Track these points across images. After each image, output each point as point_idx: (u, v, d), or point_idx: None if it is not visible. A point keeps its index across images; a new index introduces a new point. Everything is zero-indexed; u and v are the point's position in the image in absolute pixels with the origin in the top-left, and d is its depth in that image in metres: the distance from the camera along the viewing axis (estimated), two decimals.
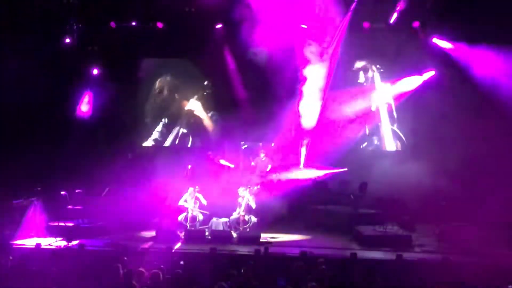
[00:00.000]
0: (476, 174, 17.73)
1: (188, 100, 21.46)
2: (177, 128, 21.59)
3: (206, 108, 21.48)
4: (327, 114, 19.84)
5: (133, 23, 20.45)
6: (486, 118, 17.89)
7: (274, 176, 18.89)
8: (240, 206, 17.07)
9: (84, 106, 20.86)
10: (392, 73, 20.05)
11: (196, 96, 21.38)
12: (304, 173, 19.04)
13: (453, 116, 18.32)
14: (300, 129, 19.60)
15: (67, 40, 20.29)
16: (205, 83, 21.30)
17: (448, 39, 18.97)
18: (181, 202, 17.27)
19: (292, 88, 19.57)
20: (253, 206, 17.10)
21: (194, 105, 21.35)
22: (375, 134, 20.55)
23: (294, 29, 19.23)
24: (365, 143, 20.69)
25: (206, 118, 21.25)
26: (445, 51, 19.03)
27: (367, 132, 20.54)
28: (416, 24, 19.29)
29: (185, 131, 21.62)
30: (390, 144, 20.34)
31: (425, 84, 19.56)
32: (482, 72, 18.10)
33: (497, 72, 17.90)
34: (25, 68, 18.53)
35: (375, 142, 20.61)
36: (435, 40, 19.08)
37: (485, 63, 18.12)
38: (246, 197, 17.11)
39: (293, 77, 19.54)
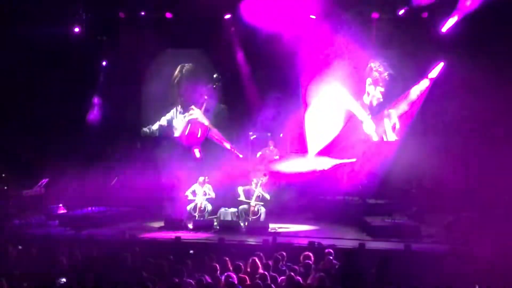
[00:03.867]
0: (485, 165, 17.65)
1: (199, 94, 21.45)
2: (187, 119, 21.55)
3: (216, 99, 21.45)
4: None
5: (142, 13, 20.39)
6: (495, 108, 17.82)
7: (283, 166, 18.95)
8: (252, 196, 17.07)
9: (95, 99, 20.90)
10: (400, 67, 19.89)
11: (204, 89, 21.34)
12: (312, 163, 19.02)
13: (462, 106, 18.27)
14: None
15: (76, 30, 20.24)
16: (215, 75, 21.26)
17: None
18: (188, 192, 17.31)
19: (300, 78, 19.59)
20: (267, 197, 17.12)
21: (196, 113, 21.31)
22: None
23: (304, 19, 19.22)
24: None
25: (208, 124, 21.22)
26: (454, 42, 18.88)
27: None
28: (425, 14, 19.15)
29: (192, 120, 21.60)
30: (393, 135, 20.27)
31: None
32: None
33: None
34: (33, 59, 18.60)
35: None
36: (444, 30, 18.90)
37: None
38: (257, 188, 17.11)
39: (302, 67, 19.56)
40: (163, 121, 21.41)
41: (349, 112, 20.07)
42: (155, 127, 21.43)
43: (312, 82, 19.54)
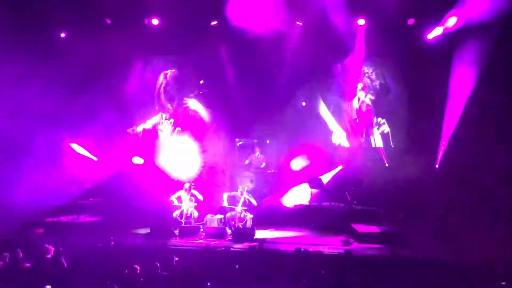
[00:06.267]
0: (471, 172, 17.73)
1: (186, 97, 21.40)
2: (173, 125, 21.47)
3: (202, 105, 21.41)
4: None
5: (128, 19, 20.32)
6: (484, 115, 17.93)
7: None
8: (237, 202, 17.05)
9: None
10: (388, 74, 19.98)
11: (191, 95, 21.31)
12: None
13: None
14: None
15: (62, 35, 20.17)
16: (201, 82, 21.22)
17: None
18: (173, 198, 17.24)
19: (287, 84, 19.59)
20: (254, 203, 17.11)
21: (190, 102, 21.24)
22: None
23: (290, 25, 19.28)
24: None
25: (202, 110, 21.12)
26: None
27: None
28: (411, 21, 19.20)
29: (179, 128, 21.53)
30: (380, 142, 20.32)
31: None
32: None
33: None
34: (19, 64, 18.47)
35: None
36: (429, 37, 18.96)
37: None
38: (243, 194, 17.09)
39: (289, 74, 19.60)
40: (148, 124, 21.31)
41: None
42: (139, 129, 21.31)
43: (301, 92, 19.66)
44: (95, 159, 20.36)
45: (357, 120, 20.35)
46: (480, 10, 16.89)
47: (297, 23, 19.44)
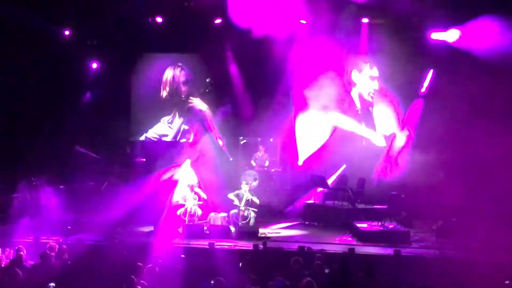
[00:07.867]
0: (474, 169, 17.70)
1: (192, 95, 21.42)
2: (179, 124, 21.52)
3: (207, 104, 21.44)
4: None
5: (133, 17, 20.36)
6: (486, 114, 17.86)
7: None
8: (240, 201, 17.07)
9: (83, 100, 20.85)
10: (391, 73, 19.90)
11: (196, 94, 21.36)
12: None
13: (452, 112, 18.30)
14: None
15: (66, 33, 20.20)
16: (207, 80, 21.23)
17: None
18: (178, 197, 17.25)
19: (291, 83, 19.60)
20: (257, 201, 17.11)
21: (195, 101, 21.27)
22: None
23: (295, 23, 19.25)
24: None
25: (206, 109, 21.15)
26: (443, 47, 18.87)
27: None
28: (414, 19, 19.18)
29: (186, 127, 21.56)
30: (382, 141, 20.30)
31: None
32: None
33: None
34: (23, 61, 18.51)
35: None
36: (433, 36, 18.91)
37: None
38: (246, 192, 17.11)
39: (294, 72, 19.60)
40: (151, 133, 21.37)
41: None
42: (142, 138, 21.37)
43: (304, 87, 19.58)
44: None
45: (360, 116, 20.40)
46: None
47: (301, 21, 19.42)
